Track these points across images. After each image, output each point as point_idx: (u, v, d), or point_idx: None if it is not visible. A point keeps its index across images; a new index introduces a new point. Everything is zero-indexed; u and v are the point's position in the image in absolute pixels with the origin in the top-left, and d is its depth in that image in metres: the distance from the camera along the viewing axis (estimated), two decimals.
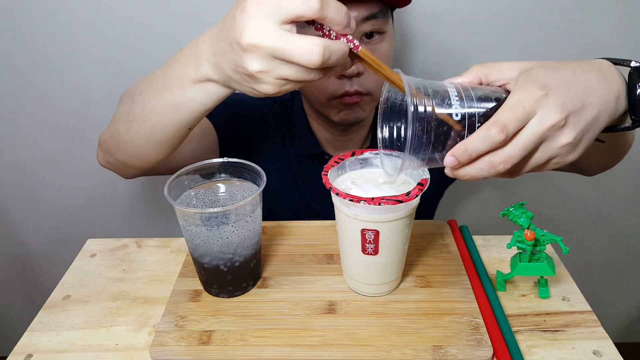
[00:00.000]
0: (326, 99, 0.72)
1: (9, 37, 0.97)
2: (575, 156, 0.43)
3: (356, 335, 0.51)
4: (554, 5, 0.98)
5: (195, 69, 0.47)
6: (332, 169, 0.54)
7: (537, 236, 0.54)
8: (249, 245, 0.55)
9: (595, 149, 0.47)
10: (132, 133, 0.56)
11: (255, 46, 0.38)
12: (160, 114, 0.52)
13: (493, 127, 0.40)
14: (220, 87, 0.47)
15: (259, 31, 0.38)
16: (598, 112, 0.43)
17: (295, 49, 0.38)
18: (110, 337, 0.53)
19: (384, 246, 0.52)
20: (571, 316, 0.55)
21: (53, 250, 1.28)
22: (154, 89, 0.52)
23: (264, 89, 0.42)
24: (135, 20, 0.97)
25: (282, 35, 0.38)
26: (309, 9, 0.37)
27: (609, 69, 0.45)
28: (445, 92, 0.42)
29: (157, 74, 0.53)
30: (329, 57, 0.39)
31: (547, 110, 0.40)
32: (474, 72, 0.46)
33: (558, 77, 0.42)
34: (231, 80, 0.45)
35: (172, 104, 0.51)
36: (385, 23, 0.69)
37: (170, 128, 0.53)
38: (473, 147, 0.41)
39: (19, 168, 1.14)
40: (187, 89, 0.49)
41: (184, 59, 0.49)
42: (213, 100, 0.49)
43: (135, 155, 0.59)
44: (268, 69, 0.40)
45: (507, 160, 0.41)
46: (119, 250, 0.68)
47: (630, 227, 1.30)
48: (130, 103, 0.56)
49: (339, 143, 0.84)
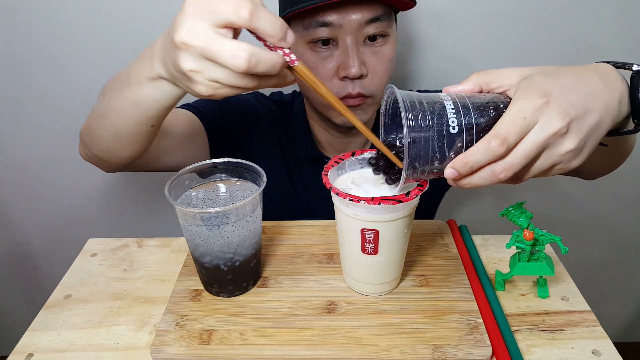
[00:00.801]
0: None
1: (9, 37, 0.97)
2: (580, 161, 0.43)
3: (356, 334, 0.51)
4: (554, 7, 0.98)
5: (150, 67, 0.48)
6: (332, 169, 0.54)
7: (536, 236, 0.54)
8: (249, 245, 0.55)
9: (598, 153, 0.47)
10: (101, 128, 0.58)
11: (187, 44, 0.40)
12: (121, 110, 0.54)
13: (494, 140, 0.40)
14: (171, 85, 0.48)
15: (191, 31, 0.39)
16: (601, 117, 0.42)
17: (223, 50, 0.39)
18: (111, 336, 0.54)
19: (383, 246, 0.52)
20: (570, 316, 0.56)
21: (53, 250, 1.28)
22: (118, 86, 0.54)
23: (198, 89, 0.43)
24: (135, 20, 0.97)
25: (212, 36, 0.39)
26: (239, 17, 0.39)
27: (611, 72, 0.45)
28: (441, 105, 0.42)
29: (122, 72, 0.55)
30: (255, 64, 0.39)
31: (548, 118, 0.40)
32: (473, 80, 0.46)
33: (559, 83, 0.42)
34: (175, 78, 0.46)
35: (131, 101, 0.52)
36: (389, 26, 0.69)
37: (131, 124, 0.55)
38: (474, 160, 0.41)
39: (19, 168, 1.14)
40: (143, 86, 0.50)
41: (143, 57, 0.50)
42: (167, 98, 0.50)
43: (106, 150, 0.61)
44: (199, 69, 0.41)
45: (509, 169, 0.41)
46: (120, 250, 0.68)
47: (630, 227, 1.30)
48: (102, 98, 0.58)
49: (340, 145, 0.84)
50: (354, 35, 0.67)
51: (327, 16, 0.65)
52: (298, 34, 0.70)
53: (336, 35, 0.67)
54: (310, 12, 0.66)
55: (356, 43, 0.68)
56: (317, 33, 0.67)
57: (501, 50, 1.03)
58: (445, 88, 0.47)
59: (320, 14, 0.66)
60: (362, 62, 0.68)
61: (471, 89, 0.46)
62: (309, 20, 0.67)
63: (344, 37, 0.67)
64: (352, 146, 0.84)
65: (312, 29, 0.67)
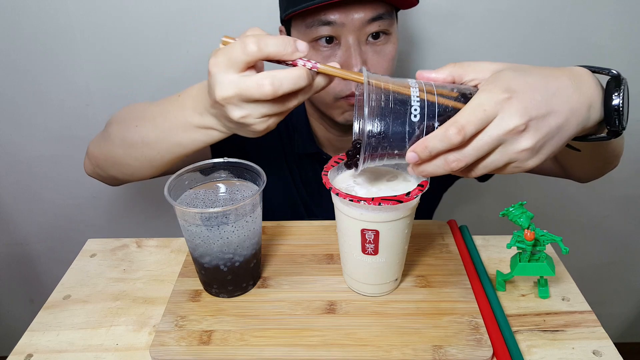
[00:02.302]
0: (332, 99, 0.73)
1: (9, 37, 0.97)
2: (536, 162, 0.43)
3: (356, 335, 0.51)
4: (555, 7, 0.98)
5: (200, 119, 0.52)
6: (332, 169, 0.54)
7: (537, 236, 0.54)
8: (249, 245, 0.55)
9: (576, 157, 0.47)
10: (129, 158, 0.62)
11: (226, 99, 0.45)
12: (161, 148, 0.58)
13: (451, 128, 0.40)
14: (221, 133, 0.53)
15: (223, 86, 0.45)
16: (565, 120, 0.42)
17: (250, 88, 0.44)
18: (110, 337, 0.54)
19: (384, 246, 0.52)
20: (571, 316, 0.55)
21: (53, 250, 1.28)
22: (153, 126, 0.58)
23: (255, 129, 0.48)
24: (135, 20, 0.97)
25: (239, 80, 0.44)
26: (249, 54, 0.44)
27: (584, 76, 0.44)
28: (406, 91, 0.43)
29: (155, 113, 0.58)
30: (280, 84, 0.43)
31: (507, 114, 0.40)
32: (447, 70, 0.46)
33: (526, 81, 0.42)
34: (231, 129, 0.51)
35: (175, 143, 0.56)
36: (391, 24, 0.69)
37: (169, 158, 0.59)
38: (432, 146, 0.41)
39: (19, 168, 1.14)
40: (191, 133, 0.54)
41: (185, 106, 0.54)
42: (214, 139, 0.55)
43: (129, 174, 0.65)
44: (247, 113, 0.46)
45: (462, 159, 0.41)
46: (119, 250, 0.68)
47: (630, 227, 1.30)
48: (125, 131, 0.61)
49: (339, 144, 0.84)
50: (356, 33, 0.67)
51: (330, 15, 0.65)
52: (300, 33, 0.70)
53: (338, 34, 0.67)
54: (313, 11, 0.66)
55: (358, 42, 0.67)
56: (319, 32, 0.67)
57: (502, 50, 1.03)
58: (419, 71, 0.47)
59: (322, 12, 0.66)
60: (364, 61, 0.68)
61: (444, 79, 0.46)
62: (311, 19, 0.67)
63: (346, 36, 0.67)
64: (350, 144, 0.84)
65: (314, 27, 0.67)
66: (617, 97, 0.43)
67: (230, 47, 0.44)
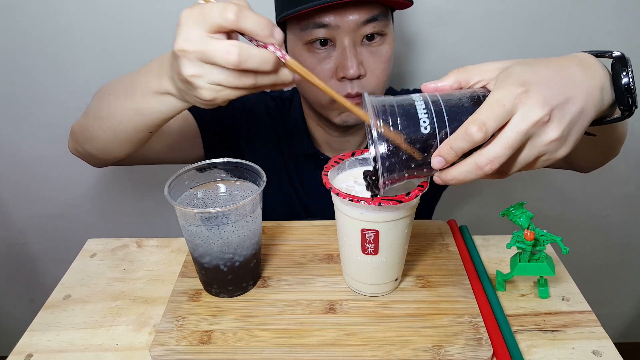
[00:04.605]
0: (328, 101, 0.73)
1: (9, 37, 0.97)
2: (566, 151, 0.43)
3: (356, 335, 0.51)
4: (554, 6, 0.98)
5: (158, 82, 0.51)
6: (332, 169, 0.54)
7: (536, 236, 0.54)
8: (249, 245, 0.55)
9: (586, 143, 0.47)
10: (99, 129, 0.60)
11: (184, 51, 0.43)
12: (123, 116, 0.57)
13: (472, 125, 0.40)
14: (177, 100, 0.51)
15: (187, 38, 0.43)
16: (583, 105, 0.42)
17: (216, 50, 0.42)
18: (110, 337, 0.54)
19: (384, 246, 0.52)
20: (571, 316, 0.55)
21: (53, 250, 1.28)
22: (121, 92, 0.57)
23: (202, 94, 0.45)
24: (135, 20, 0.97)
25: (205, 39, 0.42)
26: (225, 20, 0.41)
27: (590, 60, 0.44)
28: (411, 106, 0.42)
29: (127, 80, 0.57)
30: (247, 58, 0.42)
31: (528, 107, 0.40)
32: (452, 77, 0.46)
33: (538, 73, 0.42)
34: (181, 91, 0.48)
35: (135, 109, 0.55)
36: (386, 25, 0.69)
37: (131, 129, 0.58)
38: (456, 145, 0.41)
39: (19, 168, 1.14)
40: (150, 98, 0.53)
41: (150, 71, 0.53)
42: (171, 110, 0.53)
43: (100, 149, 0.64)
44: (199, 72, 0.43)
45: (494, 161, 0.41)
46: (119, 250, 0.68)
47: (630, 227, 1.30)
48: (100, 101, 0.61)
49: (336, 144, 0.84)
50: (351, 35, 0.67)
51: (324, 17, 0.65)
52: (295, 35, 0.70)
53: (333, 36, 0.67)
54: (307, 13, 0.66)
55: (354, 43, 0.68)
56: (314, 34, 0.67)
57: (500, 50, 1.02)
58: (424, 84, 0.47)
59: (317, 15, 0.66)
60: (360, 62, 0.68)
61: (450, 86, 0.46)
62: (305, 21, 0.67)
63: (341, 38, 0.67)
64: (348, 145, 0.84)
65: (309, 30, 0.67)
66: (625, 76, 0.44)
67: (209, 6, 0.42)
